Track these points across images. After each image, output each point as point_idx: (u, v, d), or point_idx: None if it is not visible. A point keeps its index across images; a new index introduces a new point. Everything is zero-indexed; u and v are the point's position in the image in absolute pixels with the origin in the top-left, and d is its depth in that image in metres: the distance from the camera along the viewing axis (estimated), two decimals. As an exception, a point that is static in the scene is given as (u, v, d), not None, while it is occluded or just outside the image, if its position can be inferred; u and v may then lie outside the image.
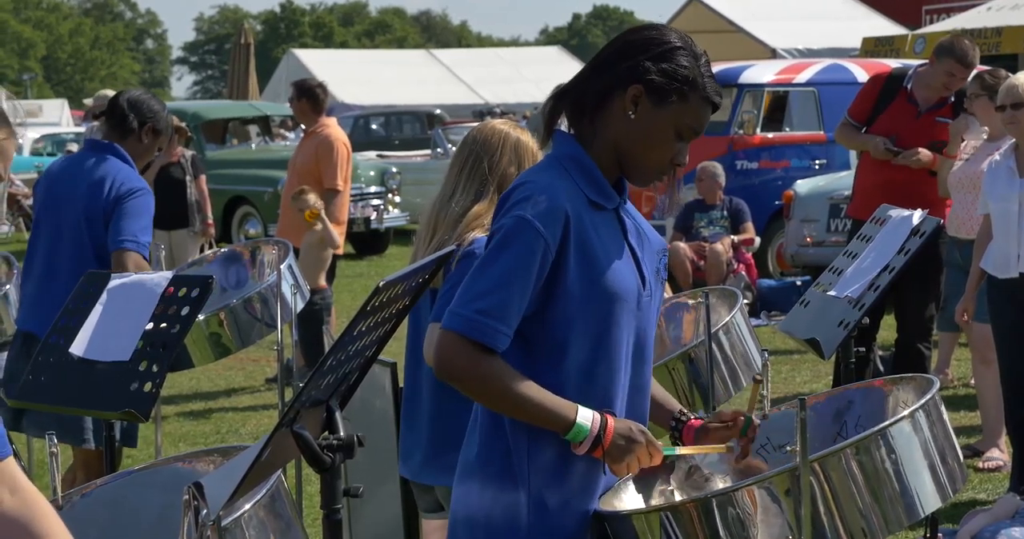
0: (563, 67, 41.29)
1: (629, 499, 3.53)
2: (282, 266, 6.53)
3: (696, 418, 3.62)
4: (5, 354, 7.35)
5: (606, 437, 3.28)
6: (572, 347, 3.31)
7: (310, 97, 11.22)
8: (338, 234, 10.89)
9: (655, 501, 3.59)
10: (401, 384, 4.87)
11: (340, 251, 11.13)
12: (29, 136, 32.30)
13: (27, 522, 2.74)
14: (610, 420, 3.30)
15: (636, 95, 3.33)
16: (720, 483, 3.68)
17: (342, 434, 3.02)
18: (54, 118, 44.24)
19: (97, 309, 4.98)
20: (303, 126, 11.63)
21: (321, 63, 42.65)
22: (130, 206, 6.37)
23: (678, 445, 3.57)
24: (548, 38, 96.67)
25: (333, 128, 11.35)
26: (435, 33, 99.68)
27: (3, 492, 2.70)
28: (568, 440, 3.28)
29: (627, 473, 3.38)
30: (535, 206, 3.25)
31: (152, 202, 6.50)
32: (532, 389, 3.26)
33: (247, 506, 3.32)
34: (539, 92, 35.72)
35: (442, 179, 4.67)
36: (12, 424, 6.35)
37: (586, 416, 3.27)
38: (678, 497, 3.61)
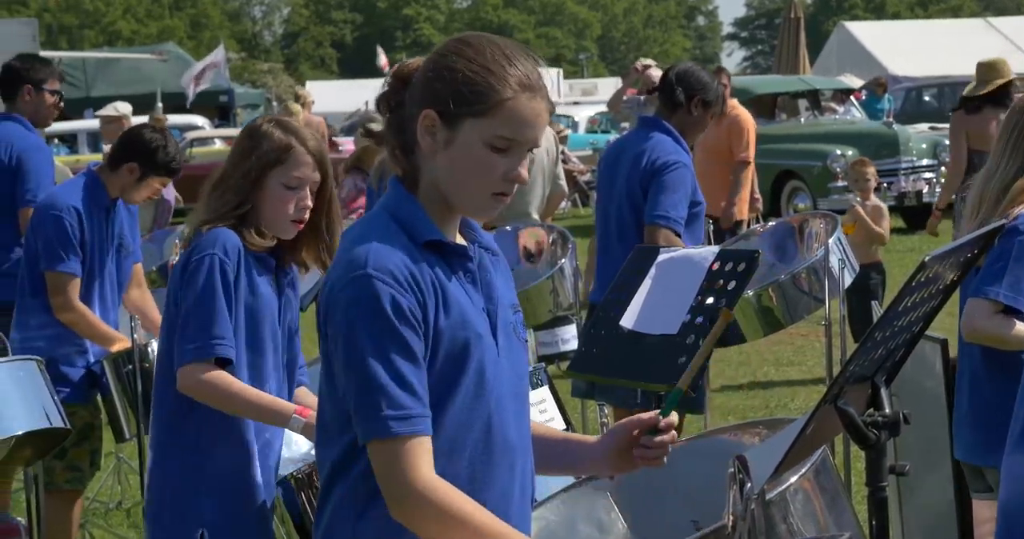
0: None
1: None
2: (830, 240, 6.47)
3: None
4: (565, 327, 7.68)
5: None
6: None
7: None
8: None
9: None
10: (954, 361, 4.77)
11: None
12: (584, 114, 33.17)
13: None
14: None
15: None
16: None
17: (887, 411, 2.98)
18: (608, 96, 45.29)
19: (646, 283, 5.06)
20: None
21: (872, 35, 42.08)
22: (665, 180, 6.48)
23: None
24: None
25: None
26: (994, 0, 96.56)
27: None
28: None
29: None
30: None
31: (688, 175, 6.57)
32: None
33: (793, 479, 3.32)
34: (1103, 58, 34.03)
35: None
36: (587, 392, 6.66)
37: None
38: None
